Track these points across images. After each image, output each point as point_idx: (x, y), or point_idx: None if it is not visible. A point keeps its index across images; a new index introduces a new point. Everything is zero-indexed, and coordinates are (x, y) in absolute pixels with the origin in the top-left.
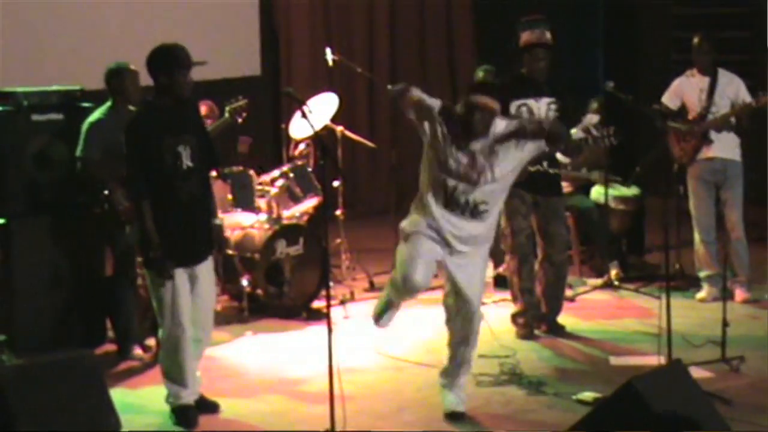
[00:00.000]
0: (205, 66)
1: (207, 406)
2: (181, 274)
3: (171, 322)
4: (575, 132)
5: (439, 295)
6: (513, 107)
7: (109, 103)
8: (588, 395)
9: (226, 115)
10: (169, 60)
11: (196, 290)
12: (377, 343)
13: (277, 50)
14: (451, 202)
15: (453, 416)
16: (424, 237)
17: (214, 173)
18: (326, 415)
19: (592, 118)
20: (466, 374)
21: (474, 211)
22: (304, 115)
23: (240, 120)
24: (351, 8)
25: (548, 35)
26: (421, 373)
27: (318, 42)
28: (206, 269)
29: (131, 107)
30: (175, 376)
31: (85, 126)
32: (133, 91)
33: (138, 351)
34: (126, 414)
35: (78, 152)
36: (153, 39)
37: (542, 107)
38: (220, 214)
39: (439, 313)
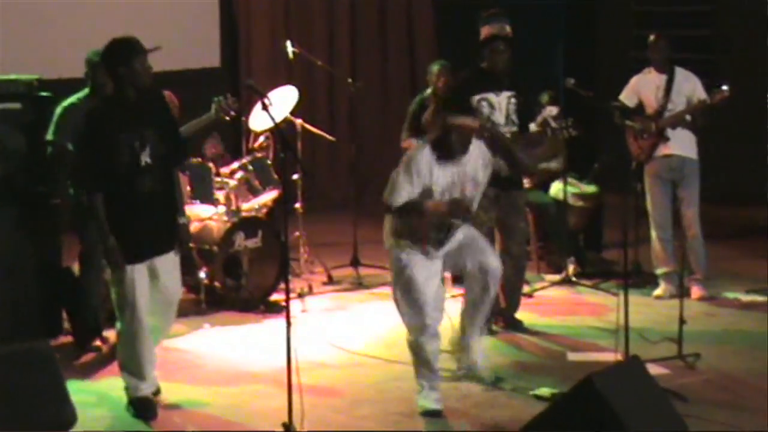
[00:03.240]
0: (164, 57)
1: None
2: (140, 269)
3: (130, 317)
4: (534, 125)
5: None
6: (474, 101)
7: (86, 90)
8: (545, 391)
9: (212, 111)
10: (124, 50)
11: (158, 283)
12: (334, 337)
13: (236, 42)
14: (443, 230)
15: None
16: (418, 269)
17: None
18: (284, 408)
19: (551, 111)
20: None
21: (446, 238)
22: (265, 108)
23: (227, 118)
24: (311, 1)
25: (508, 28)
26: (378, 367)
27: (278, 34)
28: (168, 262)
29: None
30: (133, 369)
31: (58, 110)
32: (106, 79)
33: (96, 342)
34: (83, 406)
35: (49, 135)
36: (112, 29)
37: (503, 101)
38: None
39: (393, 308)
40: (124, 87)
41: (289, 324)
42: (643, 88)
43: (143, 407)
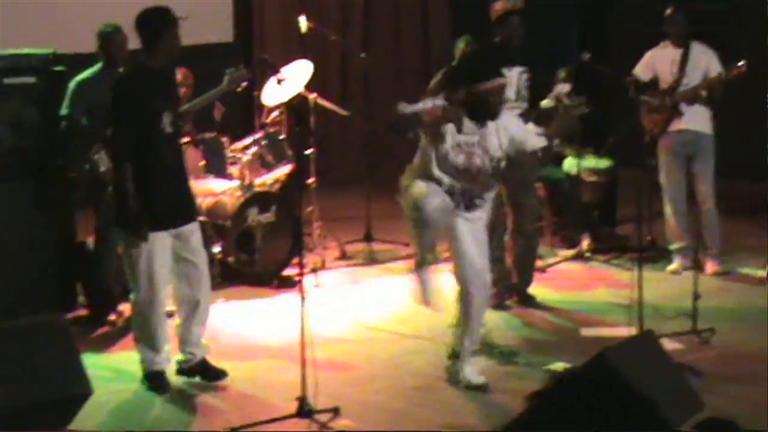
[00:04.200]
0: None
1: (213, 373)
2: (162, 239)
3: (146, 286)
4: (546, 102)
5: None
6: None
7: (99, 64)
8: (559, 366)
9: (224, 83)
10: (160, 18)
11: (188, 249)
12: (348, 311)
13: (249, 16)
14: (451, 198)
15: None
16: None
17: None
18: (298, 382)
19: (563, 87)
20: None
21: (470, 205)
22: (279, 83)
23: (239, 90)
24: None
25: (520, 2)
26: (392, 341)
27: (291, 9)
28: (194, 229)
29: (121, 69)
30: (147, 341)
31: (72, 84)
32: (119, 52)
33: (112, 316)
34: (98, 380)
35: (63, 110)
36: (126, 4)
37: (513, 76)
38: (192, 182)
39: (407, 283)
40: (157, 55)
41: (302, 299)
42: (658, 62)
43: (157, 381)
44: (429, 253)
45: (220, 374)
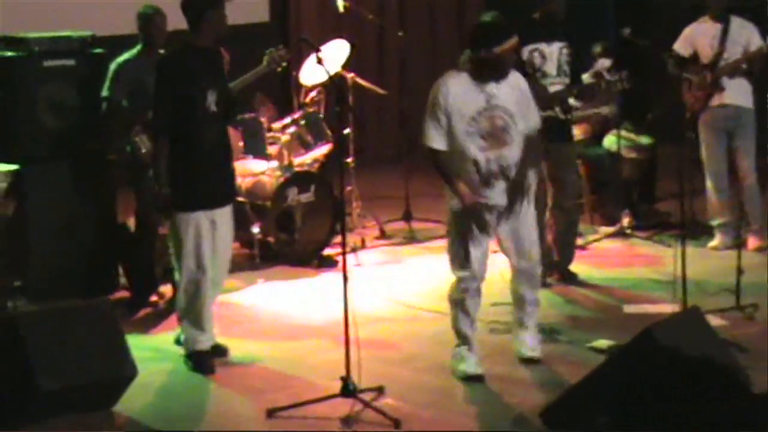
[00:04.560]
0: None
1: (216, 350)
2: (203, 218)
3: (193, 265)
4: (586, 77)
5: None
6: (525, 52)
7: (139, 46)
8: (602, 343)
9: (264, 63)
10: (210, 2)
11: (215, 235)
12: (389, 290)
13: None
14: (487, 179)
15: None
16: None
17: None
18: (341, 361)
19: (604, 63)
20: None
21: (507, 174)
22: (320, 62)
23: (279, 69)
24: None
25: None
26: (433, 320)
27: None
28: (226, 214)
29: (161, 51)
30: (193, 320)
31: (112, 66)
32: (158, 33)
33: (153, 297)
34: (141, 361)
35: (104, 92)
36: None
37: (554, 51)
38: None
39: (447, 262)
40: (203, 35)
41: (345, 278)
42: (698, 37)
43: (201, 361)
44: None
45: (222, 351)
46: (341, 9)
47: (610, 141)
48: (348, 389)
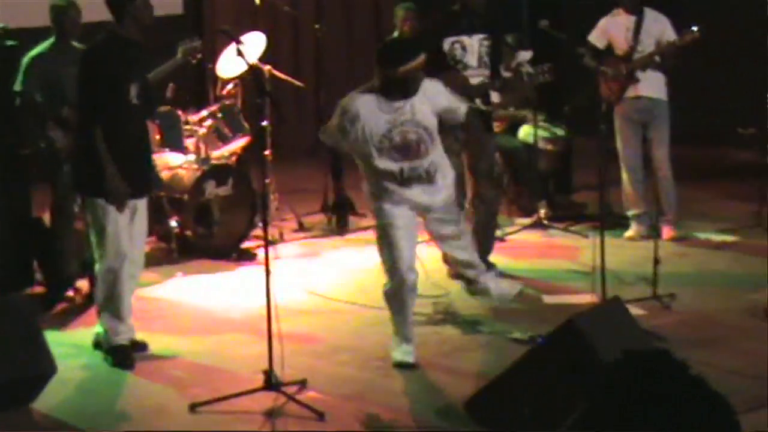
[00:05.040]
0: None
1: (136, 345)
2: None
3: (113, 253)
4: (504, 71)
5: (368, 234)
6: (446, 44)
7: (52, 39)
8: (523, 334)
9: (179, 55)
10: None
11: (134, 224)
12: (310, 283)
13: None
14: (405, 181)
15: None
16: (396, 225)
17: None
18: (263, 355)
19: (525, 55)
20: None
21: (429, 178)
22: (240, 54)
23: (194, 61)
24: None
25: None
26: (355, 312)
27: None
28: (143, 206)
29: (74, 43)
30: (113, 310)
31: (25, 60)
32: (73, 26)
33: (69, 293)
34: (59, 357)
35: (17, 86)
36: None
37: (475, 44)
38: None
39: (368, 253)
40: (126, 25)
41: (268, 272)
42: (612, 29)
43: (121, 356)
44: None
45: (142, 346)
46: (257, 1)
47: (525, 132)
48: (271, 383)
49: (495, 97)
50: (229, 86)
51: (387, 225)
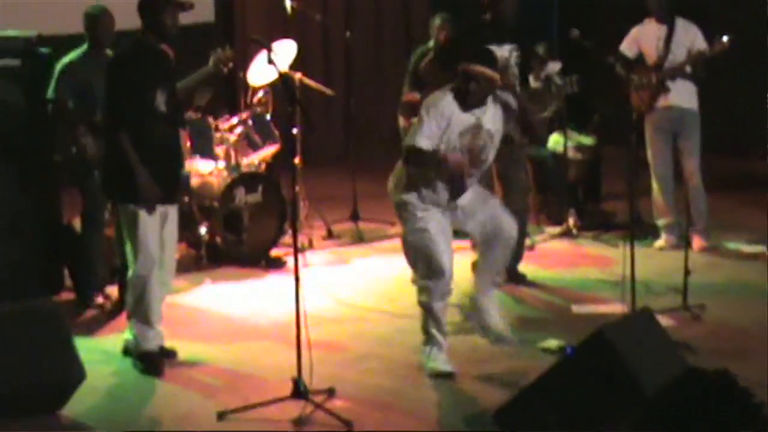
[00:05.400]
0: None
1: (165, 353)
2: (154, 214)
3: (143, 259)
4: (533, 81)
5: (397, 243)
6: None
7: (84, 46)
8: (552, 343)
9: (210, 63)
10: (162, 1)
11: (165, 230)
12: (338, 291)
13: None
14: (456, 192)
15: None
16: (432, 221)
17: None
18: (292, 362)
19: (554, 67)
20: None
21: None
22: (271, 62)
23: (225, 70)
24: None
25: None
26: (382, 321)
27: None
28: (173, 213)
29: (107, 51)
30: (142, 315)
31: (58, 67)
32: (106, 34)
33: (99, 299)
34: (87, 363)
35: (49, 93)
36: None
37: (505, 53)
38: None
39: (396, 262)
40: (154, 34)
41: (297, 279)
42: (643, 38)
43: (151, 363)
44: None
45: (170, 354)
46: (288, 10)
47: (554, 141)
48: (299, 391)
49: None
50: (260, 94)
51: (420, 230)
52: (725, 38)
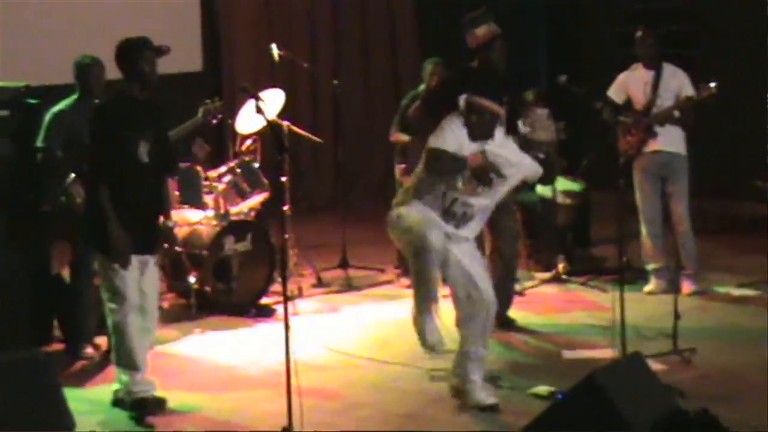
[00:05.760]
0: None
1: (155, 402)
2: (133, 264)
3: (119, 305)
4: (524, 126)
5: (387, 289)
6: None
7: (75, 96)
8: (543, 389)
9: (199, 114)
10: (134, 48)
11: (144, 279)
12: (328, 339)
13: (218, 45)
14: (446, 214)
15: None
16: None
17: None
18: (282, 411)
19: (541, 113)
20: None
21: (464, 221)
22: (259, 110)
23: (214, 121)
24: (293, 4)
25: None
26: (374, 368)
27: (260, 37)
28: (152, 263)
29: (97, 101)
30: (127, 361)
31: (48, 116)
32: (97, 83)
33: (88, 350)
34: (78, 414)
35: (39, 142)
36: (95, 36)
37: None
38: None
39: (387, 308)
40: (132, 85)
41: (287, 327)
42: (631, 84)
43: (140, 412)
44: (433, 288)
45: (161, 403)
46: (276, 58)
47: (543, 187)
48: None
49: None
50: (249, 142)
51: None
52: (713, 84)
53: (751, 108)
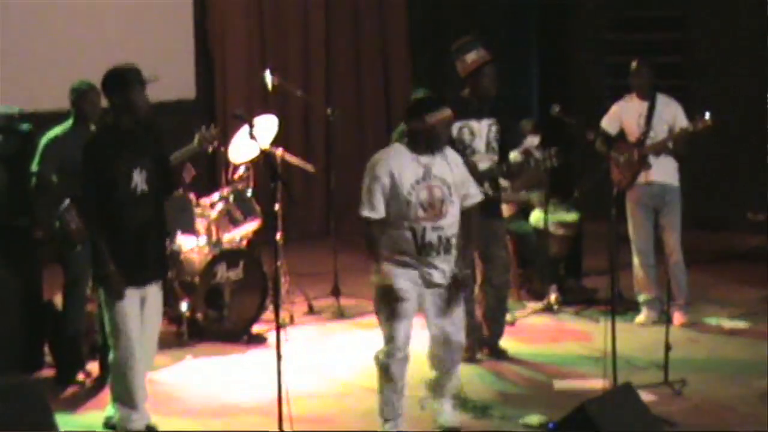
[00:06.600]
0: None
1: (148, 431)
2: (131, 295)
3: (122, 342)
4: (515, 155)
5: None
6: (455, 129)
7: (70, 121)
8: (534, 419)
9: (195, 142)
10: (121, 79)
11: (143, 312)
12: (320, 367)
13: (211, 73)
14: (424, 248)
15: None
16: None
17: None
18: None
19: (533, 141)
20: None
21: (447, 246)
22: (253, 138)
23: (210, 149)
24: (286, 32)
25: (488, 54)
26: (366, 396)
27: (253, 64)
28: (155, 291)
29: (92, 127)
30: (125, 399)
31: (43, 141)
32: (92, 109)
33: (80, 376)
34: None
35: (33, 167)
36: (89, 63)
37: (483, 128)
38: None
39: (378, 336)
40: (121, 116)
41: (279, 355)
42: (624, 114)
43: None
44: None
45: (152, 430)
46: (269, 86)
47: (536, 217)
48: None
49: (505, 182)
50: (241, 170)
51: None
52: (707, 115)
53: (744, 138)
